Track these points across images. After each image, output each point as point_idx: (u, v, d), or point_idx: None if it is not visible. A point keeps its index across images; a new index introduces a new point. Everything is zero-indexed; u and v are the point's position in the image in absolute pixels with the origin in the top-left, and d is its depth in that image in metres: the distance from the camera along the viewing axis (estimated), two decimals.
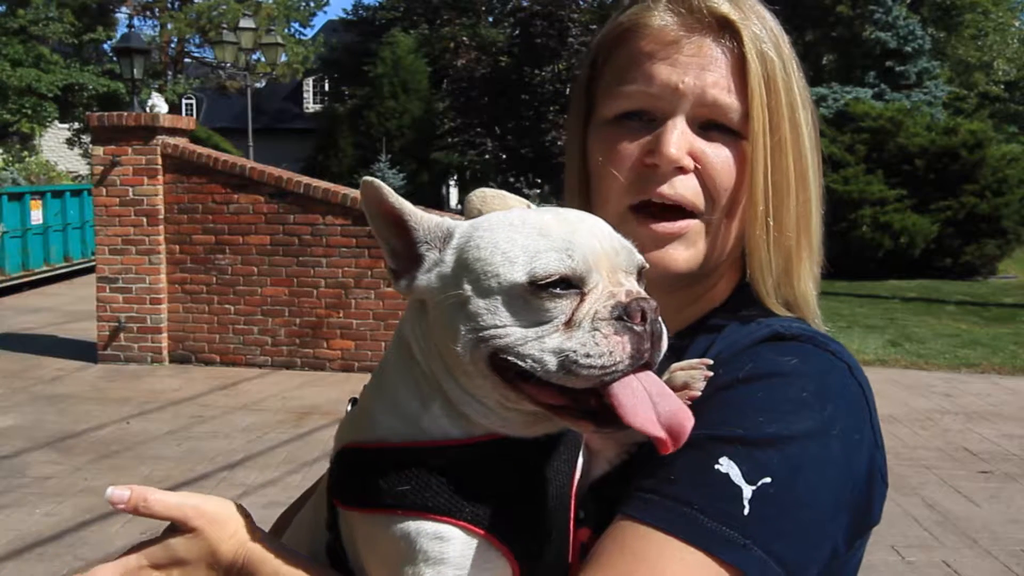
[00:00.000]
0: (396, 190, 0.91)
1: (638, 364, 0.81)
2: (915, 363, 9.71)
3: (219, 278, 9.05)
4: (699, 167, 1.01)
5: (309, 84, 39.01)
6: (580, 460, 0.95)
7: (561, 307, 0.82)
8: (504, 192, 1.01)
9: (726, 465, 0.86)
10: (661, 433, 0.79)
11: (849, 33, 25.33)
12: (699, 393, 0.92)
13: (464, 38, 26.30)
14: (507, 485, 0.88)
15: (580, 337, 0.80)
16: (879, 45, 20.57)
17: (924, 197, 16.30)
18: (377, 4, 34.35)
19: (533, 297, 0.82)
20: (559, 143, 21.21)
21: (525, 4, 25.01)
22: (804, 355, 0.95)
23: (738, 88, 1.00)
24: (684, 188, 1.01)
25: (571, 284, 0.82)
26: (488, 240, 0.86)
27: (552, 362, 0.80)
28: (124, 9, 32.74)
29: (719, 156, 1.01)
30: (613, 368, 0.80)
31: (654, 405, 0.80)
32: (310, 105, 39.22)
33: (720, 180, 1.01)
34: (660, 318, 0.83)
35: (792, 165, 1.01)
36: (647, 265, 0.90)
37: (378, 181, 0.88)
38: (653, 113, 1.02)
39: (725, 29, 1.00)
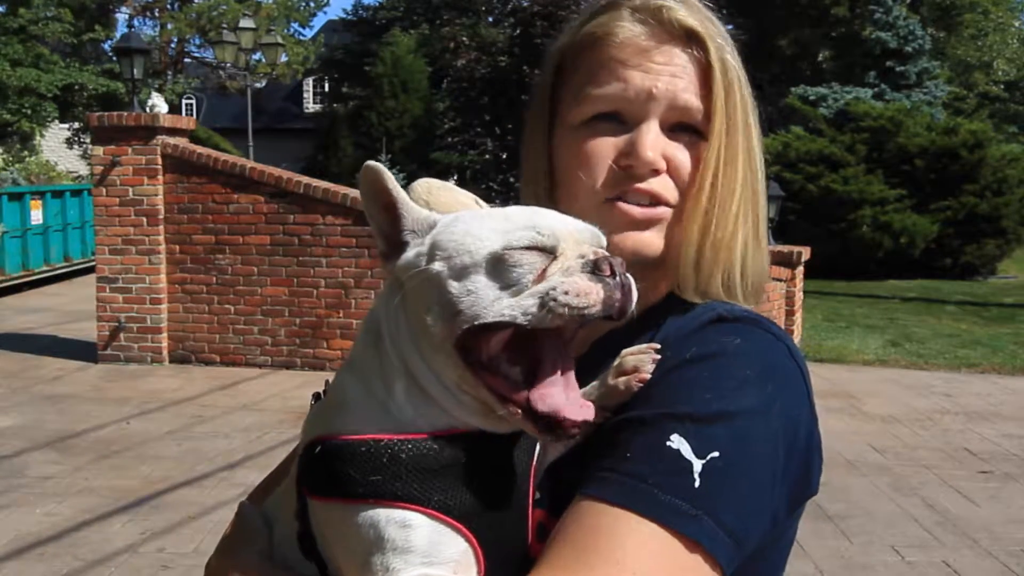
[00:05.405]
0: None
1: (610, 311, 0.86)
2: (915, 363, 9.71)
3: (219, 278, 9.05)
4: (668, 167, 1.08)
5: (309, 84, 39.01)
6: (537, 445, 1.00)
7: (532, 266, 0.87)
8: (452, 185, 1.08)
9: (677, 441, 0.91)
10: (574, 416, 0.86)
11: (849, 33, 25.31)
12: (648, 376, 0.97)
13: (464, 38, 26.26)
14: (473, 474, 0.91)
15: (554, 280, 0.85)
16: (879, 45, 20.52)
17: (924, 197, 16.31)
18: (377, 4, 34.36)
19: (506, 260, 0.87)
20: None
21: (525, 4, 24.99)
22: (746, 335, 1.00)
23: (703, 93, 1.07)
24: (658, 185, 1.07)
25: (540, 252, 0.88)
26: (462, 227, 0.92)
27: (531, 303, 0.85)
28: (124, 9, 32.75)
29: (684, 157, 1.08)
30: (588, 308, 0.84)
31: (567, 399, 0.88)
32: (310, 105, 39.21)
33: (683, 178, 1.08)
34: (628, 274, 0.88)
35: (743, 164, 1.08)
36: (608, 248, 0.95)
37: (381, 166, 0.94)
38: (625, 116, 1.07)
39: (692, 40, 1.07)
